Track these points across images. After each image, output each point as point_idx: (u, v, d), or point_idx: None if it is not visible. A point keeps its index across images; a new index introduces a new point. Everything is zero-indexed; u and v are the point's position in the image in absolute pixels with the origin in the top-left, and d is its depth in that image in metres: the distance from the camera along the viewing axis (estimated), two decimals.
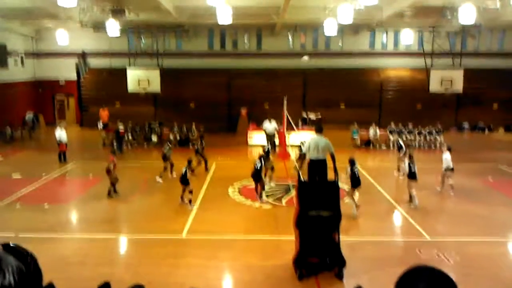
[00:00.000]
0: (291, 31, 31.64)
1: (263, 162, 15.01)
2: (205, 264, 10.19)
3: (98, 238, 12.05)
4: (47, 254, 10.21)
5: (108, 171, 15.13)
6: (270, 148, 22.36)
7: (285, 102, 21.56)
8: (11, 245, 1.35)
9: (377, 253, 10.82)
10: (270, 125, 23.10)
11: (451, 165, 15.60)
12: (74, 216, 14.40)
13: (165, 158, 17.61)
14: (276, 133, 23.26)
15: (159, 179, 17.16)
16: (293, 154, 20.65)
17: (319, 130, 11.38)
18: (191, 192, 14.24)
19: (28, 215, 13.61)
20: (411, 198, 14.48)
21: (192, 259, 10.48)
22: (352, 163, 13.91)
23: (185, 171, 14.25)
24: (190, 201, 14.15)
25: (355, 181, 13.73)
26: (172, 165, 17.73)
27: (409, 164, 14.63)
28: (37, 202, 14.91)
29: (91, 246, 11.56)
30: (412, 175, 14.47)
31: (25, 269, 1.27)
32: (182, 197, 14.35)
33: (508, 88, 29.91)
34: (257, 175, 14.79)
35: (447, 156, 15.73)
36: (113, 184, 15.35)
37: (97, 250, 11.19)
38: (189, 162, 14.85)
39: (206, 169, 18.73)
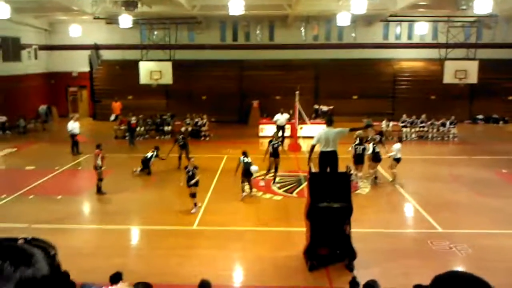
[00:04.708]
0: (304, 22, 31.42)
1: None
2: (216, 255, 10.24)
3: (110, 229, 12.16)
4: (59, 245, 10.12)
5: (96, 168, 14.63)
6: (279, 141, 22.43)
7: (297, 94, 21.48)
8: (33, 238, 1.37)
9: (388, 245, 10.78)
10: (282, 117, 23.04)
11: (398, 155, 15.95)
12: (86, 208, 14.55)
13: (146, 164, 17.34)
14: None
15: (137, 172, 17.25)
16: (305, 146, 20.62)
17: (329, 123, 11.31)
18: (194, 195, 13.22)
19: (41, 207, 13.76)
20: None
21: (203, 250, 10.53)
22: (359, 141, 15.62)
23: (192, 173, 13.20)
24: (195, 204, 13.20)
25: (357, 158, 15.62)
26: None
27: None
28: (50, 193, 15.07)
29: (103, 237, 11.67)
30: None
31: (52, 261, 1.30)
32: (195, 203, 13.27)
33: None
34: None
35: (397, 146, 16.05)
36: (101, 180, 14.83)
37: (109, 241, 11.30)
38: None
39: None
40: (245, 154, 14.85)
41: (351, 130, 10.92)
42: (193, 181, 13.05)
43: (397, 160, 15.88)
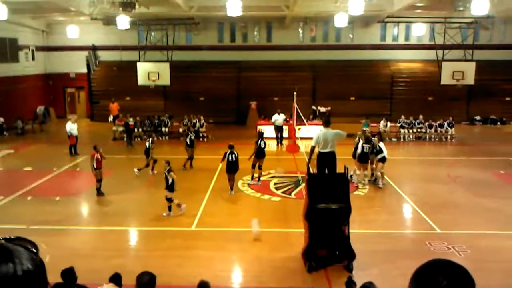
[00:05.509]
0: (302, 23, 31.48)
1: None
2: (214, 256, 10.23)
3: (108, 230, 12.14)
4: (58, 246, 10.31)
5: (95, 169, 14.41)
6: (276, 141, 22.70)
7: (295, 95, 21.51)
8: (15, 237, 1.37)
9: (387, 246, 10.79)
10: (279, 117, 23.13)
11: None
12: (84, 209, 14.52)
13: (147, 154, 17.13)
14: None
15: (137, 172, 16.93)
16: (303, 147, 20.66)
17: (326, 124, 11.35)
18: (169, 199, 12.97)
19: (39, 208, 13.74)
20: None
21: (202, 251, 10.53)
22: (366, 140, 15.80)
23: (165, 176, 12.97)
24: (178, 205, 12.97)
25: (360, 156, 15.67)
26: (154, 161, 17.17)
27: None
28: (48, 195, 15.04)
29: (101, 238, 11.66)
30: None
31: (34, 258, 1.30)
32: (170, 207, 12.96)
33: None
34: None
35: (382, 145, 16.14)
36: (98, 181, 14.63)
37: (107, 242, 11.28)
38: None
39: (191, 166, 18.28)
40: (231, 147, 14.68)
41: (348, 135, 10.98)
42: (168, 184, 12.85)
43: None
